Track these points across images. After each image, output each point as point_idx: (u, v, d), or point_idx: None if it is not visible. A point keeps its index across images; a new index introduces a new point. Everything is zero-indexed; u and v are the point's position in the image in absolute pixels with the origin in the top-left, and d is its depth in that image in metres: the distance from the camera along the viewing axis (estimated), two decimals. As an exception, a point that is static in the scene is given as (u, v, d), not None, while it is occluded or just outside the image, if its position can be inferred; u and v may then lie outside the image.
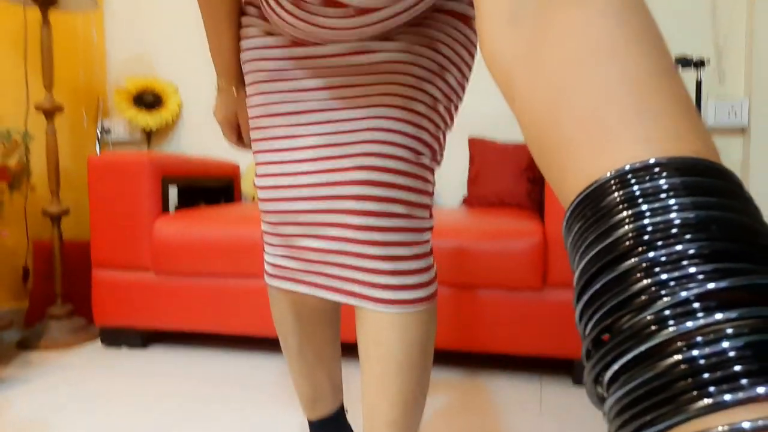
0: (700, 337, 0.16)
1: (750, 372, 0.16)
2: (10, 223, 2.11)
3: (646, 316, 0.17)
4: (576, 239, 0.21)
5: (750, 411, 0.16)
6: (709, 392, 0.16)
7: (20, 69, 2.16)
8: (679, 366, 0.17)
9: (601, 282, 0.19)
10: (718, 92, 2.02)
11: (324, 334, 0.93)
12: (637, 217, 0.19)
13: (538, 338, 1.50)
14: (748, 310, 0.16)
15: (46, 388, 1.51)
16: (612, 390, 0.18)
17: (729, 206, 0.18)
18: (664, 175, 0.19)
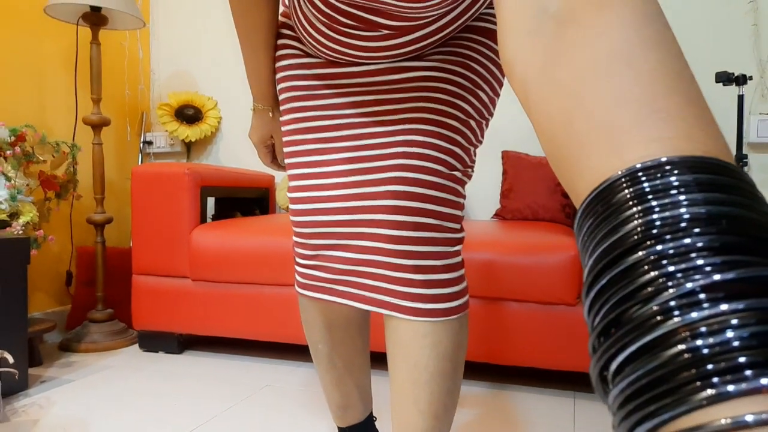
0: (704, 327, 0.16)
1: (754, 363, 0.15)
2: (56, 230, 2.20)
3: (652, 307, 0.17)
4: (586, 236, 0.21)
5: (754, 403, 0.15)
6: (713, 383, 0.16)
7: (70, 85, 2.27)
8: (683, 356, 0.16)
9: (608, 276, 0.19)
10: (761, 108, 1.97)
11: (354, 343, 0.93)
12: (647, 212, 0.19)
13: (572, 353, 1.48)
14: (755, 301, 0.16)
15: (86, 389, 1.56)
16: (616, 382, 0.18)
17: (739, 203, 0.18)
18: (675, 172, 0.19)
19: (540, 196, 2.00)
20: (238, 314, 1.79)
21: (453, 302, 0.77)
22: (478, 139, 0.81)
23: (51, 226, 2.18)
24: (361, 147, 0.78)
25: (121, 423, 1.33)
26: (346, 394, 0.95)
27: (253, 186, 2.31)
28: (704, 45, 2.02)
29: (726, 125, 2.01)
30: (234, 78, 2.63)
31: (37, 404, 1.44)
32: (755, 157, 1.98)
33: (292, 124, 0.84)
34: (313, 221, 0.81)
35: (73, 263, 2.26)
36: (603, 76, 0.23)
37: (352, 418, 0.97)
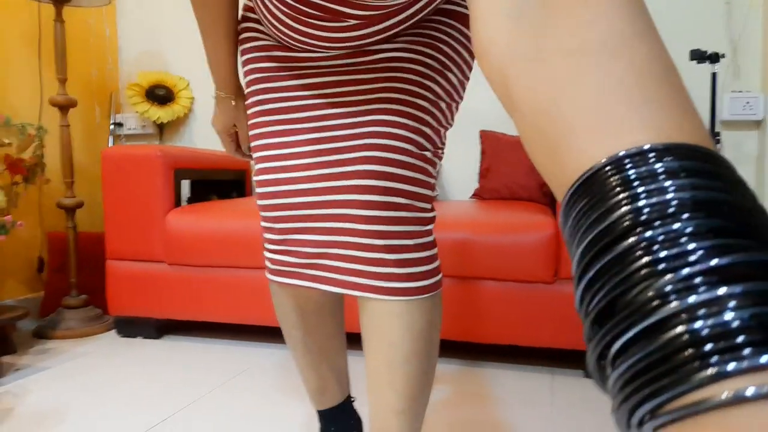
0: (703, 310, 0.16)
1: (753, 342, 0.15)
2: (25, 215, 2.14)
3: (648, 293, 0.17)
4: (573, 226, 0.21)
5: (753, 380, 0.15)
6: (712, 362, 0.16)
7: (34, 64, 2.19)
8: (682, 338, 0.16)
9: (599, 264, 0.19)
10: (733, 86, 2.00)
11: (327, 328, 0.93)
12: (634, 198, 0.19)
13: (550, 330, 1.50)
14: (752, 284, 0.16)
15: (63, 376, 1.53)
16: (615, 366, 0.18)
17: (725, 189, 0.19)
18: (660, 159, 0.19)
19: (518, 175, 2.01)
20: (216, 298, 1.77)
21: (426, 281, 0.76)
22: (449, 121, 0.80)
23: (19, 212, 2.11)
24: (327, 128, 0.77)
25: (100, 410, 1.31)
26: (322, 377, 0.95)
27: (230, 168, 2.28)
28: (678, 23, 2.04)
29: (699, 103, 2.04)
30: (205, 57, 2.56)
31: (11, 393, 1.42)
32: (727, 134, 2.02)
33: (257, 107, 0.82)
34: (279, 204, 0.79)
35: (45, 249, 2.21)
36: (595, 64, 0.23)
37: (329, 401, 0.97)
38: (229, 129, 0.94)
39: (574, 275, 0.21)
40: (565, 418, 1.27)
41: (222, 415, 1.28)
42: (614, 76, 0.22)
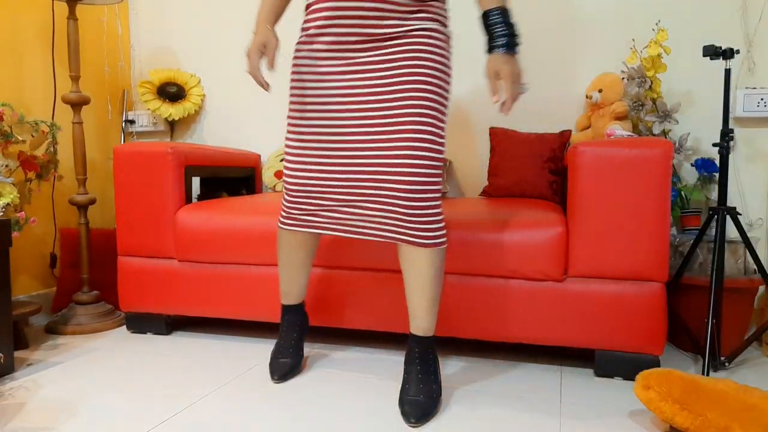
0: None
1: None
2: (38, 212, 2.16)
3: (495, 30, 1.21)
4: (485, 16, 1.22)
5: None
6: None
7: (48, 62, 2.21)
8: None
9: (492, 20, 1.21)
10: (747, 82, 1.97)
11: (311, 256, 1.49)
12: (497, 17, 1.20)
13: (559, 328, 1.49)
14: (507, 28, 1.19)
15: (74, 371, 1.55)
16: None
17: (510, 22, 1.20)
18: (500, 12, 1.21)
19: (528, 173, 1.99)
20: (226, 295, 1.78)
21: (444, 236, 1.28)
22: (446, 118, 1.29)
23: (33, 208, 2.14)
24: (370, 113, 1.29)
25: (111, 405, 1.32)
26: (293, 285, 1.50)
27: (240, 165, 2.28)
28: (692, 18, 2.01)
29: (712, 99, 2.01)
30: (217, 54, 2.58)
31: (24, 387, 1.43)
32: (741, 131, 1.99)
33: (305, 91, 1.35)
34: (322, 186, 1.34)
35: (57, 245, 2.23)
36: None
37: (293, 300, 1.52)
38: (260, 47, 1.29)
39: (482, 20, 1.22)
40: (573, 415, 1.26)
41: (232, 411, 1.29)
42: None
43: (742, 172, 2.00)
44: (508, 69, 1.15)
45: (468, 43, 2.25)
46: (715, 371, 1.57)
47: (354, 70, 1.29)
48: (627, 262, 1.44)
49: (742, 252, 1.72)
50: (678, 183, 1.95)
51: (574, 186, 1.47)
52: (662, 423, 1.23)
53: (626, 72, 1.96)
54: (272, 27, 1.32)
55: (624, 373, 1.49)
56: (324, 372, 1.54)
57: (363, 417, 1.25)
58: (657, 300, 1.43)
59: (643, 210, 1.42)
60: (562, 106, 2.17)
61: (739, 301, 1.66)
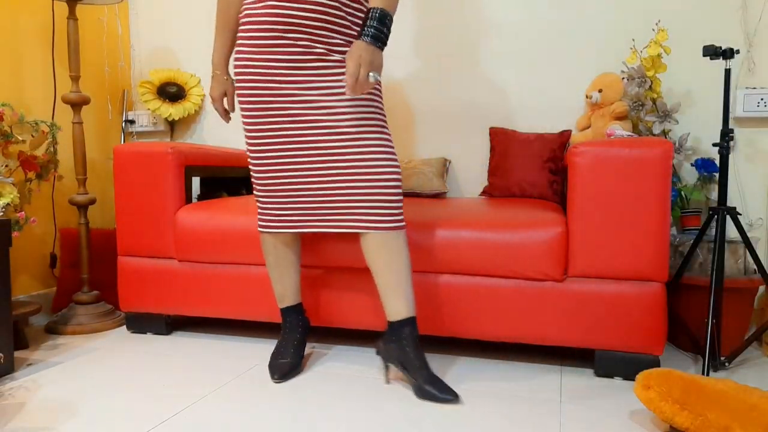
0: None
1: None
2: (38, 212, 2.16)
3: (367, 22, 1.27)
4: (367, 14, 1.29)
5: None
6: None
7: (48, 62, 2.21)
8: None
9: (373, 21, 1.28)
10: (747, 82, 1.97)
11: (297, 255, 1.55)
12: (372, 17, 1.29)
13: (559, 328, 1.49)
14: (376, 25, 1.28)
15: (74, 371, 1.55)
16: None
17: (386, 20, 1.28)
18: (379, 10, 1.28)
19: (528, 172, 1.99)
20: (226, 294, 1.78)
21: (402, 222, 1.40)
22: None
23: (33, 208, 2.14)
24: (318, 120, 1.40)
25: (110, 405, 1.32)
26: (286, 287, 1.55)
27: (240, 165, 2.28)
28: (692, 18, 2.01)
29: (712, 99, 2.01)
30: (217, 54, 2.57)
31: (24, 387, 1.43)
32: (741, 131, 1.99)
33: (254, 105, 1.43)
34: (300, 189, 1.44)
35: (57, 245, 2.23)
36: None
37: (288, 302, 1.57)
38: (221, 97, 1.54)
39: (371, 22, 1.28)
40: (573, 415, 1.26)
41: (232, 411, 1.29)
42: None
43: (742, 172, 2.00)
44: (366, 55, 1.26)
45: (467, 48, 2.25)
46: (715, 371, 1.57)
47: (300, 78, 1.37)
48: (627, 262, 1.44)
49: (742, 252, 1.72)
50: (678, 183, 1.95)
51: (574, 186, 1.47)
52: (662, 423, 1.23)
53: (626, 72, 1.96)
54: (227, 73, 1.54)
55: (624, 373, 1.49)
56: (324, 372, 1.54)
57: (363, 417, 1.25)
58: (657, 300, 1.43)
59: (643, 210, 1.42)
60: (562, 106, 2.17)
61: (739, 301, 1.66)
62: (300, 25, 1.34)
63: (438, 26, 2.28)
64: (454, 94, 2.28)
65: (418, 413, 1.27)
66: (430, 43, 2.29)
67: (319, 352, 1.70)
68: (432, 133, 2.32)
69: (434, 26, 2.29)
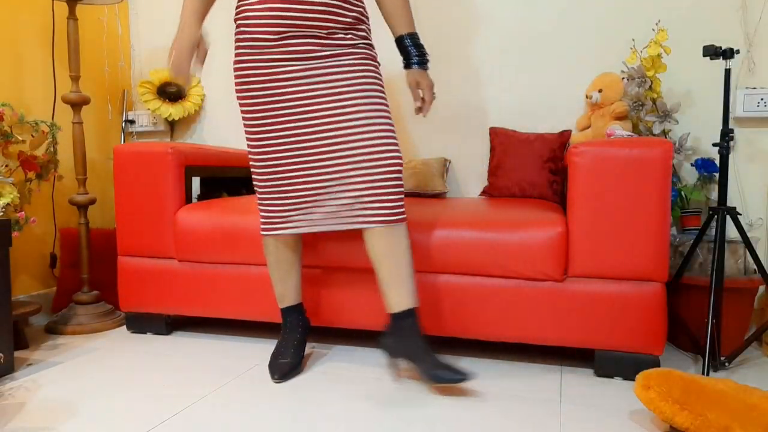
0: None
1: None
2: (38, 212, 2.16)
3: (410, 50, 1.50)
4: (401, 38, 1.51)
5: None
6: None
7: (48, 62, 2.21)
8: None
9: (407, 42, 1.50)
10: (747, 82, 1.97)
11: (299, 255, 1.55)
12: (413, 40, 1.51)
13: (559, 328, 1.49)
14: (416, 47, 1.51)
15: (74, 371, 1.55)
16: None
17: (420, 44, 1.51)
18: (412, 36, 1.50)
19: (528, 172, 1.99)
20: (226, 294, 1.78)
21: (403, 215, 1.41)
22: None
23: (33, 208, 2.14)
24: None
25: (110, 405, 1.32)
26: (287, 287, 1.54)
27: (240, 165, 2.28)
28: (692, 18, 2.01)
29: (712, 99, 2.01)
30: (217, 54, 2.58)
31: (24, 387, 1.43)
32: (741, 131, 1.99)
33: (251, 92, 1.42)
34: (303, 183, 1.43)
35: (57, 245, 2.23)
36: (402, 3, 1.49)
37: (289, 302, 1.56)
38: (192, 46, 1.40)
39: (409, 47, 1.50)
40: (574, 416, 1.26)
41: (232, 411, 1.29)
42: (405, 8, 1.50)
43: (742, 172, 2.00)
44: (426, 80, 1.48)
45: (467, 48, 2.25)
46: (715, 371, 1.57)
47: (306, 74, 1.37)
48: (627, 262, 1.44)
49: (742, 252, 1.72)
50: (678, 183, 1.95)
51: (574, 186, 1.47)
52: (662, 423, 1.23)
53: (626, 72, 1.96)
54: (201, 25, 1.42)
55: (624, 373, 1.49)
56: (324, 372, 1.54)
57: (363, 417, 1.25)
58: (657, 300, 1.43)
59: (643, 210, 1.42)
60: (562, 106, 2.17)
61: (739, 301, 1.66)
62: (304, 19, 1.34)
63: (438, 26, 2.28)
64: (454, 94, 2.28)
65: (419, 413, 1.27)
66: (430, 42, 2.29)
67: (319, 352, 1.70)
68: (432, 133, 2.32)
69: (434, 26, 2.29)
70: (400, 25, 1.49)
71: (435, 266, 1.57)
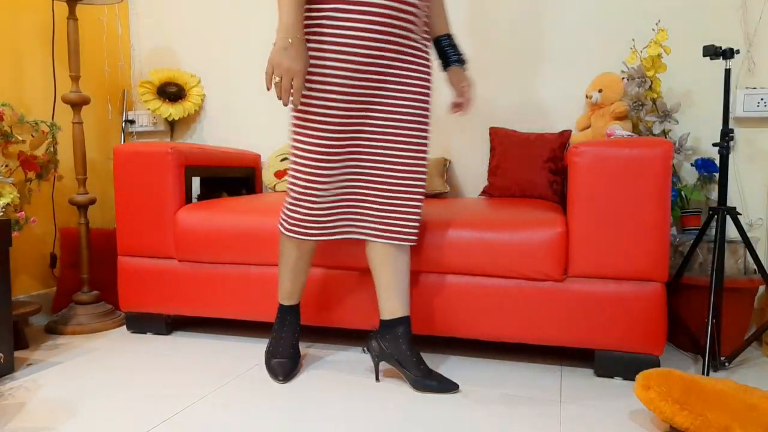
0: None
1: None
2: (38, 212, 2.16)
3: (453, 50, 1.52)
4: (439, 44, 1.52)
5: None
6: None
7: (48, 61, 2.21)
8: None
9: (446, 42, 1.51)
10: (747, 82, 1.97)
11: (312, 258, 1.52)
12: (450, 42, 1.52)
13: (559, 328, 1.49)
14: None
15: (74, 371, 1.55)
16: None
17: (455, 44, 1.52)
18: (449, 38, 1.52)
19: (528, 172, 1.99)
20: (226, 294, 1.78)
21: (414, 236, 1.43)
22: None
23: (33, 208, 2.14)
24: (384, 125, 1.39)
25: (111, 405, 1.32)
26: (296, 286, 1.52)
27: (240, 165, 2.28)
28: (692, 18, 2.01)
29: (712, 99, 2.01)
30: (217, 54, 2.58)
31: (24, 387, 1.43)
32: (741, 131, 1.99)
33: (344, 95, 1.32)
34: (340, 185, 1.40)
35: (57, 245, 2.23)
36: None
37: (293, 300, 1.54)
38: (306, 68, 1.24)
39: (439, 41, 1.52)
40: (574, 416, 1.26)
41: (232, 411, 1.29)
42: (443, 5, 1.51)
43: (742, 172, 2.00)
44: (468, 79, 1.51)
45: (467, 47, 2.25)
46: (715, 371, 1.57)
47: (388, 80, 1.34)
48: (627, 262, 1.44)
49: (742, 252, 1.71)
50: (678, 183, 1.95)
51: (574, 186, 1.47)
52: (662, 423, 1.23)
53: (626, 72, 1.96)
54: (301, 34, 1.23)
55: (624, 373, 1.49)
56: (323, 372, 1.54)
57: (363, 417, 1.25)
58: (657, 300, 1.43)
59: (643, 210, 1.42)
60: (562, 106, 2.17)
61: (739, 301, 1.66)
62: (408, 13, 1.31)
63: (438, 26, 2.28)
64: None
65: (418, 413, 1.27)
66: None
67: (318, 352, 1.70)
68: (432, 133, 2.32)
69: (434, 26, 2.28)
70: (440, 25, 1.50)
71: (435, 266, 1.57)
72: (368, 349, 1.46)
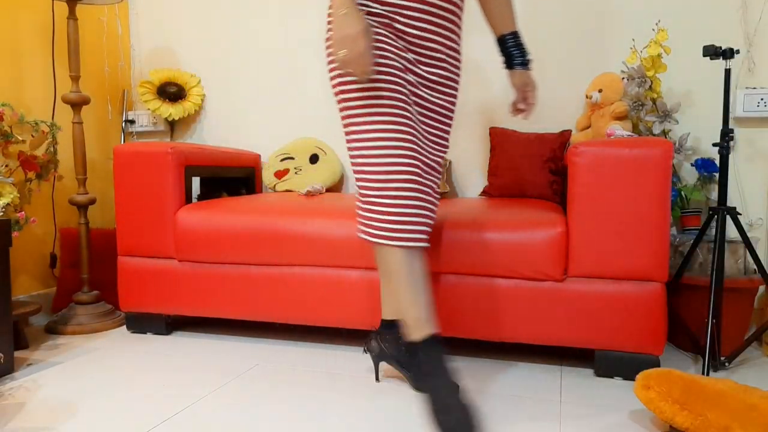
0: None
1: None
2: (38, 212, 2.16)
3: (521, 50, 1.42)
4: (502, 39, 1.41)
5: None
6: None
7: (48, 61, 2.21)
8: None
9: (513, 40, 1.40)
10: (747, 82, 1.97)
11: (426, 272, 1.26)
12: (516, 40, 1.41)
13: (559, 328, 1.49)
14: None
15: (74, 371, 1.55)
16: None
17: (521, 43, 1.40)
18: (515, 36, 1.39)
19: (528, 172, 1.99)
20: (226, 294, 1.78)
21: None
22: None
23: (33, 208, 2.14)
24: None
25: (111, 405, 1.32)
26: (429, 307, 1.22)
27: (239, 165, 2.28)
28: (692, 18, 2.01)
29: (712, 99, 2.01)
30: (217, 54, 2.58)
31: (24, 387, 1.43)
32: (741, 131, 1.99)
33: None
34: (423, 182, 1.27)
35: (57, 245, 2.23)
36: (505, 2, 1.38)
37: (430, 329, 1.20)
38: (367, 33, 1.12)
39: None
40: (574, 416, 1.26)
41: (232, 411, 1.29)
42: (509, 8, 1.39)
43: (742, 172, 2.00)
44: (533, 82, 1.42)
45: (466, 47, 2.25)
46: (715, 371, 1.57)
47: (431, 72, 1.29)
48: (627, 262, 1.44)
49: (742, 252, 1.71)
50: (678, 183, 1.95)
51: (574, 186, 1.47)
52: (662, 423, 1.23)
53: (626, 72, 1.96)
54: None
55: (624, 373, 1.49)
56: (324, 372, 1.54)
57: (363, 416, 1.25)
58: (657, 300, 1.43)
59: (643, 210, 1.42)
60: (562, 106, 2.17)
61: (739, 301, 1.66)
62: (451, 12, 1.28)
63: (438, 26, 2.28)
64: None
65: (418, 413, 1.27)
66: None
67: (321, 352, 1.70)
68: (432, 133, 2.32)
69: (434, 26, 2.28)
70: (506, 23, 1.38)
71: (435, 266, 1.57)
72: (368, 349, 1.45)
